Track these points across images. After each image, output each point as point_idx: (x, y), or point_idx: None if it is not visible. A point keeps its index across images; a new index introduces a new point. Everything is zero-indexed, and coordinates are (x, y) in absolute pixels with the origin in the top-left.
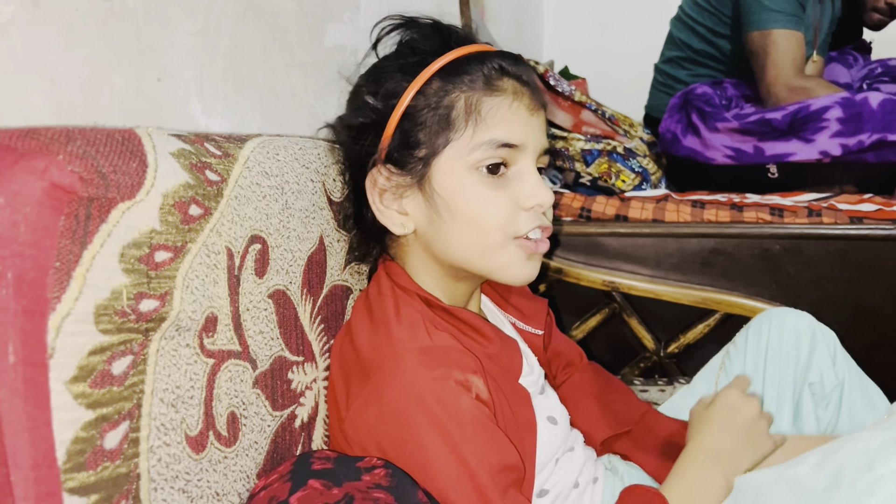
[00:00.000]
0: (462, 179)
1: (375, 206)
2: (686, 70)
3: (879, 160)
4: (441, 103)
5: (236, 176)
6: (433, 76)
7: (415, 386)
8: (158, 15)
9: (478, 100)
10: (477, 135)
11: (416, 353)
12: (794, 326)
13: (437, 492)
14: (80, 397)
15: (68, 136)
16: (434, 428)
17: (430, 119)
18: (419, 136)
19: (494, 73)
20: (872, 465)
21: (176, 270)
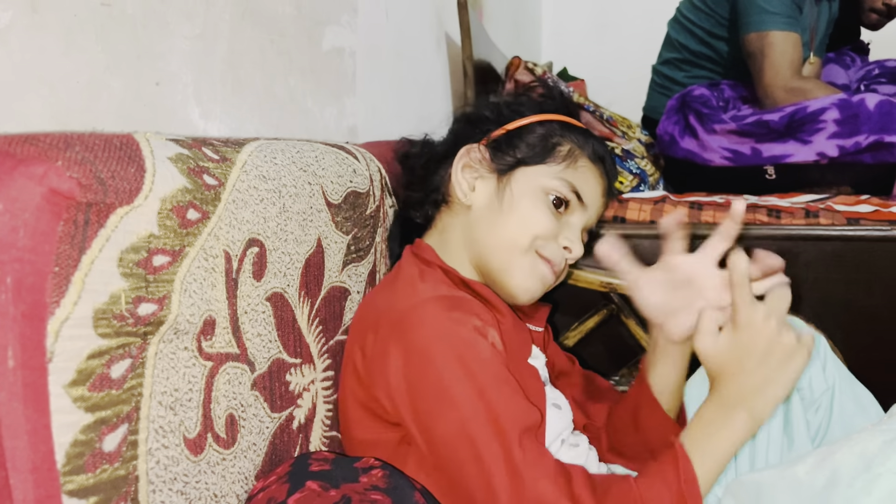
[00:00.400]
0: (533, 191)
1: (455, 170)
2: (683, 72)
3: (876, 161)
4: (553, 137)
5: (234, 180)
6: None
7: (436, 325)
8: (156, 20)
9: (580, 156)
10: (564, 173)
11: (437, 299)
12: None
13: (455, 422)
14: (79, 401)
15: (67, 141)
16: (455, 361)
17: (539, 140)
18: (523, 145)
19: (597, 154)
20: (870, 465)
21: (174, 274)
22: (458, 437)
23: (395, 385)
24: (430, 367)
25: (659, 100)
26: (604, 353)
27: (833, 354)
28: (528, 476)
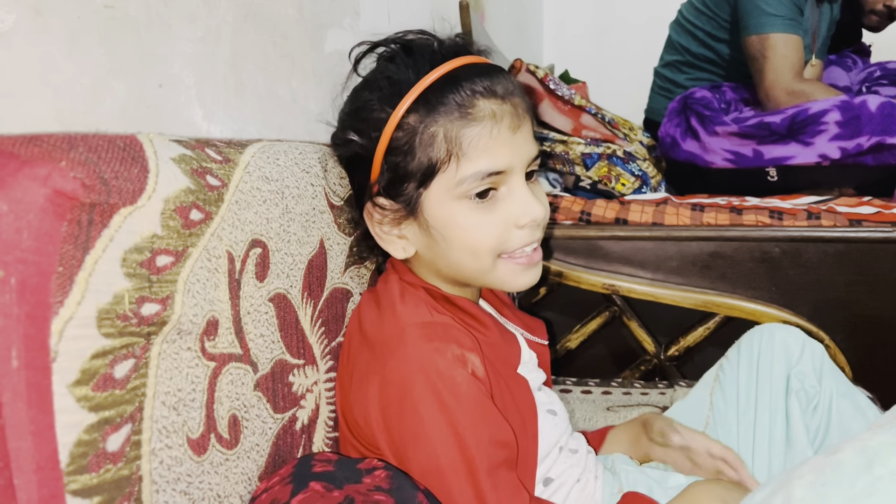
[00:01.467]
0: (452, 210)
1: (376, 235)
2: (685, 74)
3: (878, 163)
4: (422, 139)
5: (237, 181)
6: (410, 108)
7: (415, 356)
8: (159, 22)
9: (457, 133)
10: (461, 169)
11: (417, 326)
12: (784, 339)
13: (427, 457)
14: (83, 400)
15: (70, 142)
16: (431, 395)
17: (412, 154)
18: (405, 170)
19: (468, 100)
20: (871, 465)
21: (177, 275)
22: (431, 473)
23: (372, 412)
24: (406, 399)
25: (661, 102)
26: (606, 354)
27: (830, 363)
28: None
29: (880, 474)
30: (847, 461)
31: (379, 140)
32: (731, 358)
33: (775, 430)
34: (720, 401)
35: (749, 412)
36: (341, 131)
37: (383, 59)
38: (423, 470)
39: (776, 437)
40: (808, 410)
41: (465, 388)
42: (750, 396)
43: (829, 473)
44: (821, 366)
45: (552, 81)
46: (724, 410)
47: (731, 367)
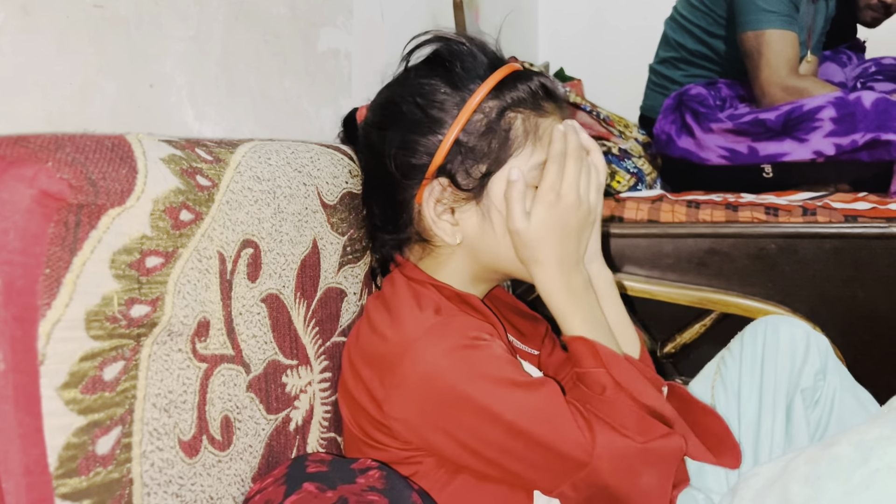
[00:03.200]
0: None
1: (432, 218)
2: (681, 70)
3: (873, 159)
4: (499, 122)
5: (227, 181)
6: (491, 93)
7: (448, 351)
8: (150, 21)
9: (533, 120)
10: (535, 155)
11: (441, 323)
12: (790, 334)
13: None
14: (72, 403)
15: (57, 143)
16: (475, 378)
17: (488, 137)
18: (478, 152)
19: (541, 93)
20: (868, 458)
21: (167, 276)
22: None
23: (419, 419)
24: (455, 394)
25: (656, 99)
26: None
27: (834, 356)
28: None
29: (877, 467)
30: (844, 455)
31: (454, 121)
32: (733, 350)
33: (776, 428)
34: (721, 394)
35: (751, 409)
36: (399, 114)
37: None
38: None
39: (777, 435)
40: (810, 405)
41: (501, 359)
42: (753, 392)
43: (825, 467)
44: (825, 360)
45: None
46: (725, 404)
47: (733, 360)
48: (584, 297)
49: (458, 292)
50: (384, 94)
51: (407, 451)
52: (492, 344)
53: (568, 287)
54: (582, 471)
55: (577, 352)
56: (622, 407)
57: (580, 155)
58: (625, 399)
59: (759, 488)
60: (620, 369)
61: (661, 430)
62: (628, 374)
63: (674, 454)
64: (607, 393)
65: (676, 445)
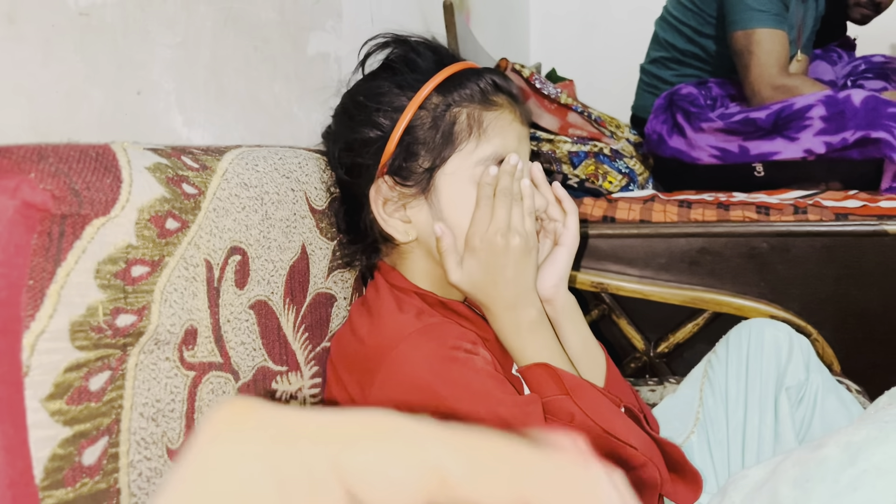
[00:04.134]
0: (464, 191)
1: (380, 216)
2: (671, 70)
3: (863, 157)
4: (443, 117)
5: (214, 188)
6: (432, 91)
7: (429, 358)
8: (137, 28)
9: (479, 114)
10: (479, 149)
11: (424, 330)
12: (773, 336)
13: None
14: (57, 414)
15: (40, 153)
16: (455, 388)
17: (432, 132)
18: (423, 148)
19: (490, 88)
20: (855, 459)
21: (153, 284)
22: None
23: None
24: (433, 402)
25: (647, 99)
26: None
27: (816, 357)
28: None
29: (864, 468)
30: (831, 457)
31: (399, 119)
32: (719, 354)
33: (764, 428)
34: (710, 397)
35: (739, 410)
36: (350, 113)
37: (400, 49)
38: None
39: (765, 435)
40: (795, 403)
41: (485, 371)
42: (739, 394)
43: (813, 469)
44: (808, 360)
45: (538, 80)
46: (713, 407)
47: (719, 363)
48: (536, 331)
49: (441, 300)
50: (339, 101)
51: None
52: (474, 355)
53: (516, 325)
54: None
55: (537, 380)
56: (592, 436)
57: (510, 190)
58: (594, 427)
59: (749, 491)
60: (586, 397)
61: (634, 460)
62: (595, 401)
63: (649, 486)
64: (576, 420)
65: (651, 477)
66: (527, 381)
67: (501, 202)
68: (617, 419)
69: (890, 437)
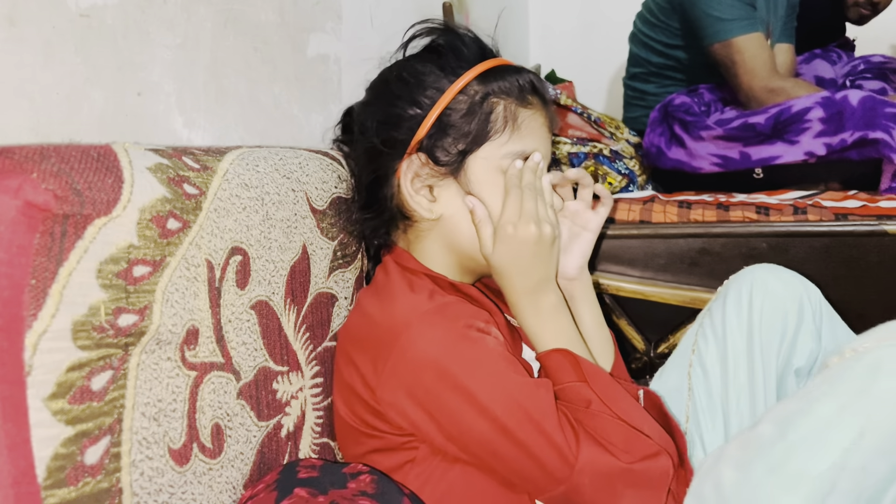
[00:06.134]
0: (493, 177)
1: (407, 189)
2: (653, 83)
3: (862, 158)
4: (481, 105)
5: (215, 188)
6: (473, 79)
7: (442, 337)
8: (137, 30)
9: (515, 109)
10: (511, 142)
11: (436, 309)
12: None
13: (491, 425)
14: (59, 414)
15: (42, 154)
16: (471, 367)
17: (469, 118)
18: (458, 131)
19: (528, 87)
20: (785, 433)
21: (155, 284)
22: (497, 438)
23: (408, 404)
24: (446, 381)
25: (635, 111)
26: None
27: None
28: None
29: (793, 440)
30: (765, 433)
31: (439, 99)
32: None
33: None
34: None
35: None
36: (389, 90)
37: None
38: (489, 437)
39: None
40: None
41: (497, 351)
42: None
43: (752, 449)
44: (820, 321)
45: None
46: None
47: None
48: (555, 316)
49: (452, 282)
50: (378, 76)
51: (402, 437)
52: (487, 335)
53: (537, 309)
54: (561, 486)
55: (555, 365)
56: (609, 422)
57: (535, 185)
58: (611, 414)
59: (699, 476)
60: (603, 384)
61: (649, 449)
62: (612, 389)
63: (660, 477)
64: (593, 407)
65: (663, 467)
66: (544, 365)
67: (530, 194)
68: (632, 408)
69: (813, 407)
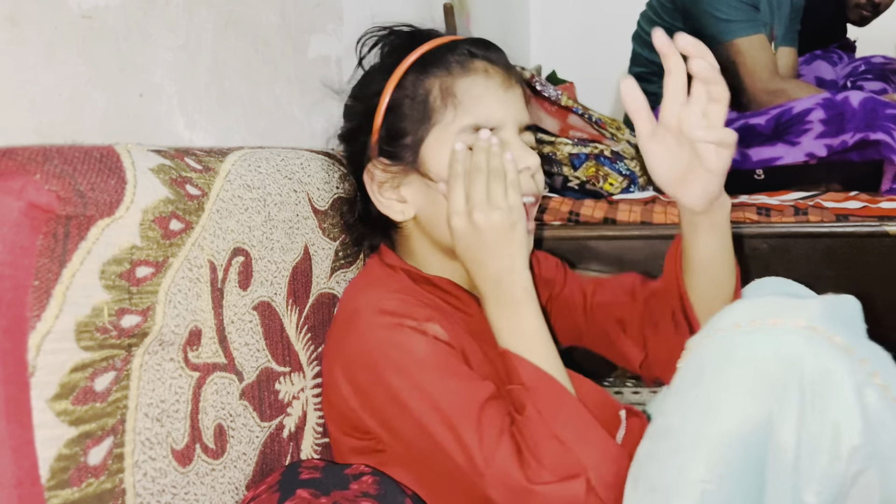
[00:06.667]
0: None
1: (375, 198)
2: (655, 83)
3: (863, 159)
4: (417, 92)
5: (217, 189)
6: (408, 70)
7: (371, 335)
8: (139, 31)
9: (452, 83)
10: (458, 118)
11: (371, 306)
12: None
13: (413, 423)
14: (63, 414)
15: (45, 155)
16: (395, 367)
17: (410, 108)
18: (403, 125)
19: (464, 58)
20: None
21: (158, 285)
22: (420, 436)
23: (352, 394)
24: (375, 376)
25: None
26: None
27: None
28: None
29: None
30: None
31: (379, 101)
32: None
33: None
34: None
35: None
36: (346, 109)
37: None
38: (414, 435)
39: None
40: None
41: (424, 352)
42: None
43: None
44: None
45: (538, 83)
46: None
47: None
48: (515, 311)
49: (426, 276)
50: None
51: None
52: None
53: (498, 302)
54: (478, 491)
55: (506, 366)
56: (538, 432)
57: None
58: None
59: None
60: (544, 392)
61: (569, 470)
62: (553, 398)
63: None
64: (526, 413)
65: (572, 493)
66: (501, 363)
67: (477, 178)
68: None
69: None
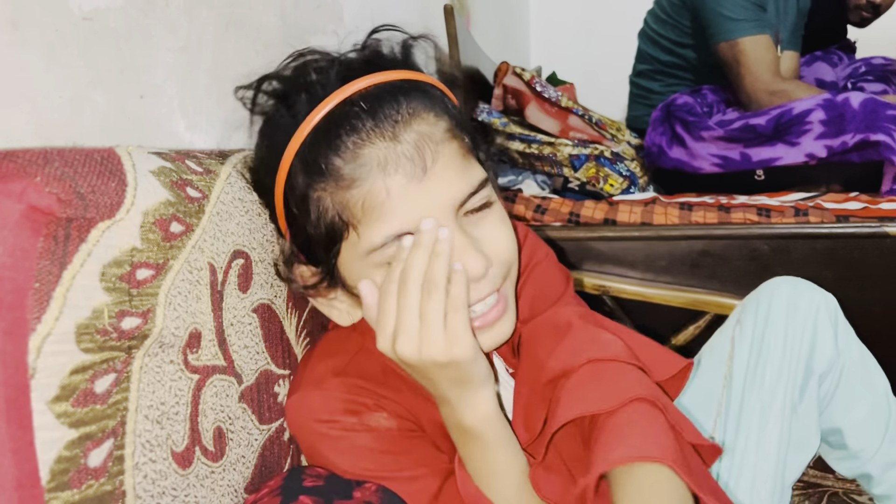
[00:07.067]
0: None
1: (319, 305)
2: (659, 81)
3: (863, 160)
4: (311, 206)
5: (218, 192)
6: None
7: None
8: (140, 33)
9: (343, 199)
10: (363, 239)
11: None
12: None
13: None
14: (63, 416)
15: (46, 157)
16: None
17: (308, 220)
18: (309, 236)
19: (348, 154)
20: None
21: (158, 287)
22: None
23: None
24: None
25: (639, 110)
26: None
27: (844, 322)
28: None
29: None
30: None
31: (276, 203)
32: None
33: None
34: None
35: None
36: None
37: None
38: None
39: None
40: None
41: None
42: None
43: None
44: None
45: (539, 84)
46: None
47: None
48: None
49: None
50: None
51: None
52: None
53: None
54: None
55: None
56: None
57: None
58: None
59: None
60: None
61: None
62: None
63: None
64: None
65: None
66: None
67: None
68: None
69: None
